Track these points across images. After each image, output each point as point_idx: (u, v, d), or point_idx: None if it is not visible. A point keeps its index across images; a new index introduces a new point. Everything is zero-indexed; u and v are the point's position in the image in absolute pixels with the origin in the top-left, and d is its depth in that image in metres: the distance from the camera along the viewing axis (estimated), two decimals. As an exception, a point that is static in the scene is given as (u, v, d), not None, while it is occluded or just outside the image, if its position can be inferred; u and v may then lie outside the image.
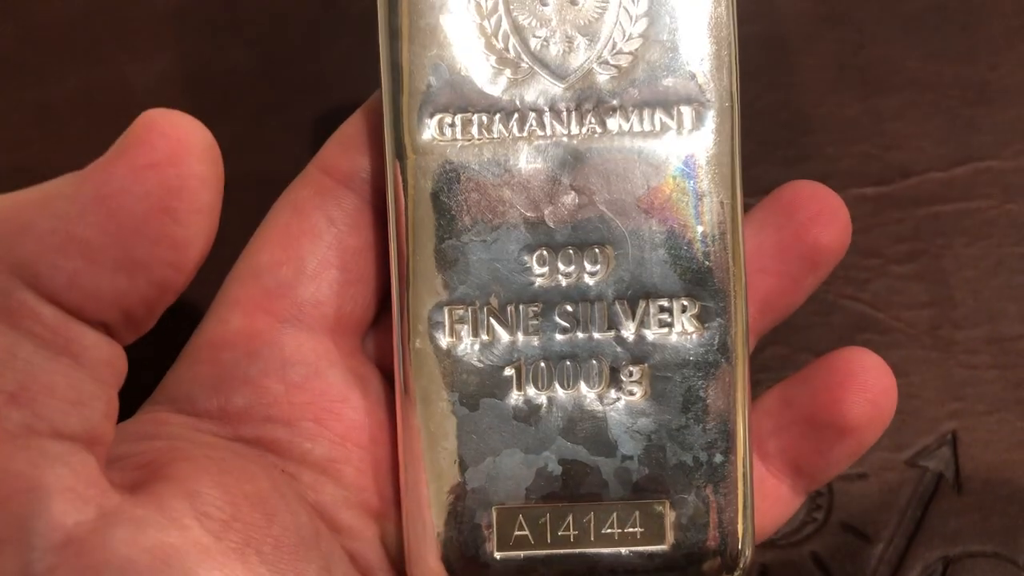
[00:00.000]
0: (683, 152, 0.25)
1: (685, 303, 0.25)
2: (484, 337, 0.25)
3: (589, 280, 0.25)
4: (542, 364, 0.25)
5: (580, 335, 0.25)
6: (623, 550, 0.25)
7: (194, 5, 0.34)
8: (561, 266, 0.25)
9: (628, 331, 0.25)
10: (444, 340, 0.25)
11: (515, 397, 0.25)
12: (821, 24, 0.35)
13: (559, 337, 0.25)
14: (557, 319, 0.25)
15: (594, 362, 0.25)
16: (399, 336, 0.25)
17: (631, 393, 0.25)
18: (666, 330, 0.25)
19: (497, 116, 0.25)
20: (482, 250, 0.25)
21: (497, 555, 0.25)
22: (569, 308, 0.25)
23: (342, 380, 0.25)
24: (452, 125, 0.25)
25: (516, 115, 0.25)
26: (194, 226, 0.21)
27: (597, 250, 0.25)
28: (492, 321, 0.25)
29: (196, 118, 0.33)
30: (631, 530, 0.25)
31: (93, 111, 0.34)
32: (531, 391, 0.25)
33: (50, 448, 0.20)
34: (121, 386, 0.22)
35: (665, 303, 0.25)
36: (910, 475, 0.32)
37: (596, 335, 0.25)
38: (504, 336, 0.25)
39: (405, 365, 0.25)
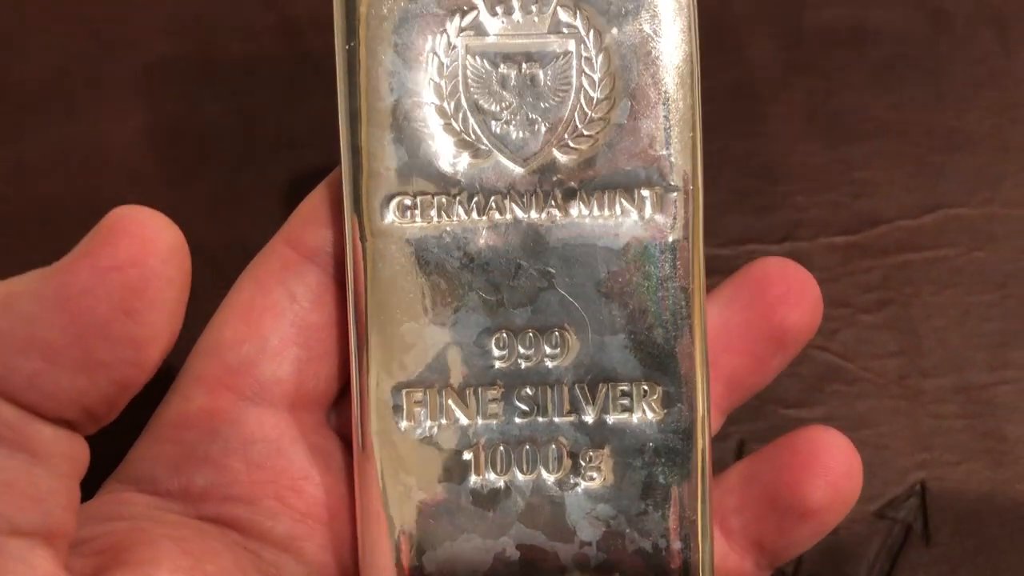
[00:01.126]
0: (644, 236, 0.24)
1: (646, 388, 0.24)
2: (443, 420, 0.24)
3: (549, 364, 0.24)
4: (501, 448, 0.24)
5: (540, 419, 0.24)
6: None
7: (168, 61, 0.34)
8: (521, 349, 0.24)
9: (588, 416, 0.24)
10: (402, 423, 0.24)
11: (473, 481, 0.24)
12: (790, 73, 0.34)
13: (518, 421, 0.24)
14: (517, 403, 0.24)
15: (553, 447, 0.24)
16: (358, 419, 0.24)
17: (591, 478, 0.24)
18: (626, 415, 0.24)
19: (457, 199, 0.24)
20: (441, 333, 0.24)
21: None
22: (529, 392, 0.24)
23: (304, 457, 0.24)
24: (412, 207, 0.24)
25: (476, 198, 0.24)
26: (156, 325, 0.20)
27: (557, 334, 0.24)
28: (451, 404, 0.24)
29: (175, 168, 0.33)
30: (590, 616, 0.24)
31: (69, 167, 0.33)
32: (490, 475, 0.24)
33: (7, 546, 0.19)
34: (83, 475, 0.22)
35: (625, 387, 0.24)
36: (879, 527, 0.32)
37: (556, 419, 0.24)
38: (463, 419, 0.24)
39: (364, 448, 0.24)
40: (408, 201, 0.24)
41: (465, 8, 0.24)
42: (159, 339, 0.20)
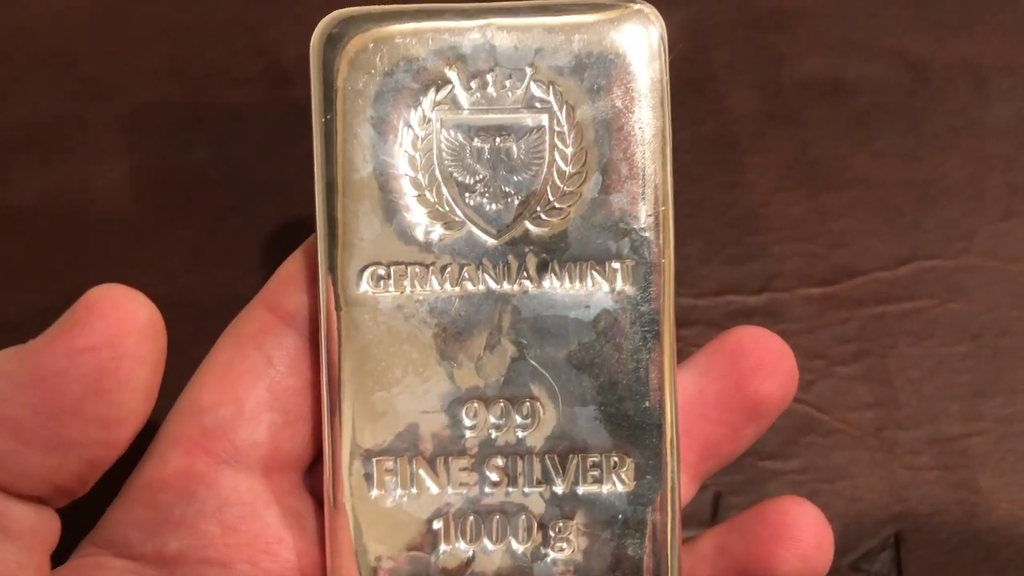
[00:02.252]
0: (615, 308, 0.24)
1: (616, 459, 0.24)
2: (413, 489, 0.24)
3: (520, 434, 0.24)
4: (471, 518, 0.24)
5: (510, 489, 0.24)
6: None
7: (156, 107, 0.33)
8: (492, 419, 0.24)
9: (558, 486, 0.24)
10: (373, 491, 0.24)
11: (443, 550, 0.24)
12: (768, 124, 0.34)
13: (488, 491, 0.24)
14: (487, 473, 0.24)
15: (523, 517, 0.24)
16: (329, 486, 0.24)
17: (560, 549, 0.24)
18: (597, 486, 0.24)
19: (431, 269, 0.23)
20: (413, 402, 0.23)
21: None
22: (499, 462, 0.24)
23: (278, 520, 0.24)
24: (386, 277, 0.23)
25: (449, 268, 0.23)
26: (127, 405, 0.20)
27: (528, 404, 0.24)
28: (422, 473, 0.24)
29: (162, 214, 0.32)
30: None
31: (57, 213, 0.33)
32: (460, 544, 0.24)
33: None
34: (55, 546, 0.22)
35: (596, 459, 0.24)
36: (853, 579, 0.31)
37: (526, 490, 0.24)
38: (433, 489, 0.24)
39: (335, 516, 0.24)
40: (382, 271, 0.23)
41: (440, 82, 0.23)
42: (131, 418, 0.20)
